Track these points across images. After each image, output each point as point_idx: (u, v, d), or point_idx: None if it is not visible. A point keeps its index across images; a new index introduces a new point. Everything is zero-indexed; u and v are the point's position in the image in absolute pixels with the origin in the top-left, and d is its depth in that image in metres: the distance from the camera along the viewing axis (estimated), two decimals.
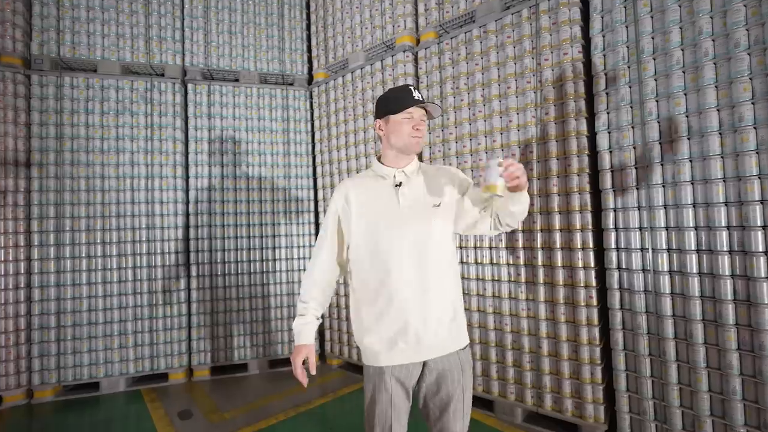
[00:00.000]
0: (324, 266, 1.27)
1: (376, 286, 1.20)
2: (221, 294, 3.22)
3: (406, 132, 1.21)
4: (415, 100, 1.20)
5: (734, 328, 1.64)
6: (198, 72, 3.29)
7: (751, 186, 1.59)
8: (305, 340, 1.22)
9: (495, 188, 1.01)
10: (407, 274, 1.18)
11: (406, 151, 1.24)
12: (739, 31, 1.62)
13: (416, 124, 1.22)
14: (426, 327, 1.17)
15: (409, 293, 1.17)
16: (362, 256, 1.23)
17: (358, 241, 1.23)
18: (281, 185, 3.43)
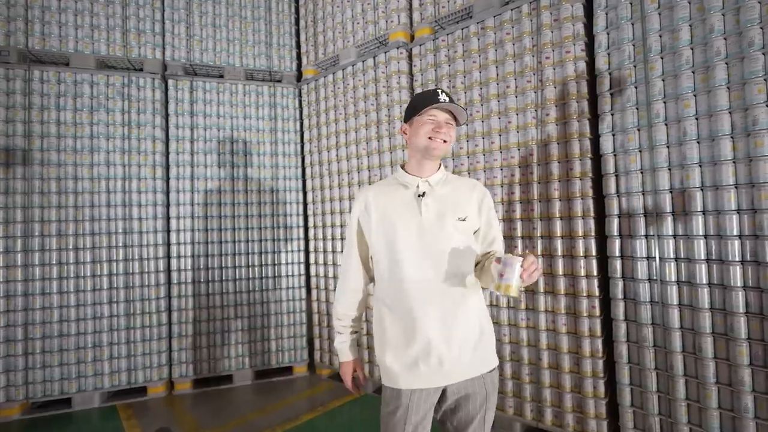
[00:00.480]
0: (355, 278, 1.24)
1: (397, 302, 1.14)
2: (204, 302, 3.05)
3: (424, 134, 1.14)
4: (438, 101, 1.12)
5: (746, 342, 1.56)
6: (179, 67, 3.11)
7: (765, 193, 1.51)
8: (347, 357, 1.26)
9: (510, 289, 0.97)
10: (429, 291, 1.11)
11: (426, 155, 1.16)
12: (753, 30, 1.54)
13: (438, 125, 1.14)
14: (450, 349, 1.09)
15: (431, 311, 1.10)
16: (382, 269, 1.17)
17: (378, 252, 1.17)
18: (268, 187, 3.27)
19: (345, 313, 1.25)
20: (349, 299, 1.25)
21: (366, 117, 2.89)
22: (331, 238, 3.10)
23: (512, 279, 0.96)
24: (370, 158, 2.85)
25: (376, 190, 1.23)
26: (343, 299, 1.25)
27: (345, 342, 1.25)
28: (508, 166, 2.25)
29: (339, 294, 1.27)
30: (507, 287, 0.97)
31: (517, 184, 2.22)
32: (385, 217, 1.16)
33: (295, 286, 3.30)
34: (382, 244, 1.16)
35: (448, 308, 1.09)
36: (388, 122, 2.76)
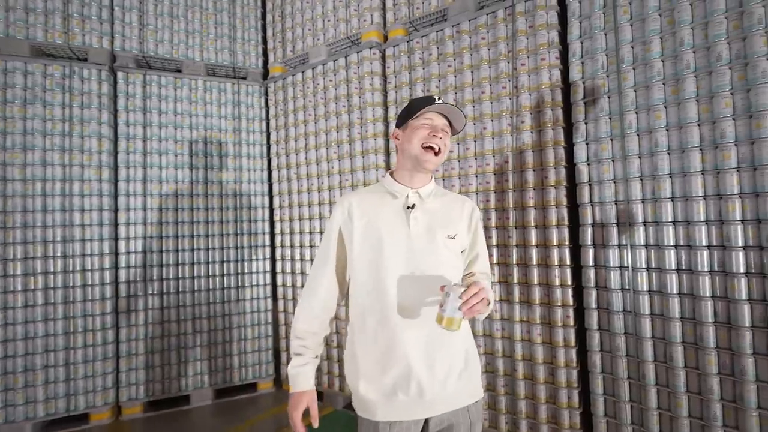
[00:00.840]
0: (325, 294, 1.09)
1: (375, 323, 1.02)
2: (158, 316, 2.79)
3: (418, 141, 1.04)
4: (436, 104, 1.04)
5: (715, 351, 1.58)
6: (130, 59, 2.83)
7: (732, 205, 1.54)
8: (304, 385, 1.05)
9: (453, 323, 0.90)
10: (414, 312, 1.01)
11: (417, 167, 1.07)
12: (720, 44, 1.57)
13: (433, 130, 1.04)
14: (433, 377, 1.00)
15: (414, 335, 1.00)
16: (361, 286, 1.05)
17: (359, 267, 1.06)
18: (231, 191, 3.05)
19: (308, 332, 1.07)
20: (317, 315, 1.09)
21: (337, 119, 2.76)
22: (299, 245, 2.94)
23: (449, 311, 0.89)
24: (341, 162, 2.73)
25: (360, 197, 1.11)
26: (308, 315, 1.09)
27: (304, 366, 1.05)
28: (483, 173, 2.21)
29: (303, 308, 1.10)
30: (444, 320, 0.90)
31: (492, 192, 2.18)
32: (370, 227, 1.06)
33: (260, 297, 3.10)
34: (365, 256, 1.05)
35: (433, 332, 0.99)
36: (360, 125, 2.65)
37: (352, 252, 1.07)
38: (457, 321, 0.90)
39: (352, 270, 1.08)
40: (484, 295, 0.92)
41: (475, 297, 0.90)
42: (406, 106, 1.11)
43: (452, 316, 0.89)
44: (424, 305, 1.01)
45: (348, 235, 1.08)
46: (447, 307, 0.90)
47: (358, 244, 1.06)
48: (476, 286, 0.91)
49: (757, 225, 1.50)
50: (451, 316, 0.89)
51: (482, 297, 0.91)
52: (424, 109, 1.04)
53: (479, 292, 0.91)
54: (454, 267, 1.08)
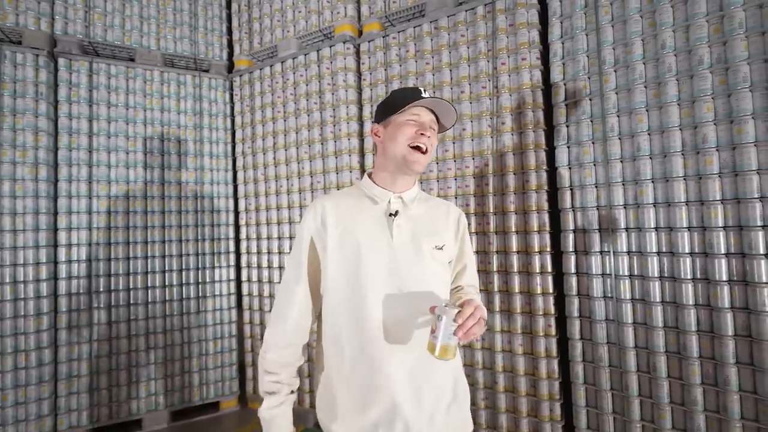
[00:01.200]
0: (297, 316, 0.94)
1: (353, 350, 0.88)
2: (104, 332, 2.49)
3: (407, 135, 0.91)
4: (422, 97, 0.90)
5: (698, 361, 1.55)
6: (74, 44, 2.53)
7: (714, 211, 1.51)
8: (281, 428, 0.90)
9: (448, 352, 0.77)
10: (398, 335, 0.87)
11: (403, 168, 0.93)
12: (702, 48, 1.54)
13: (421, 128, 0.91)
14: (420, 411, 0.87)
15: (398, 363, 0.86)
16: (337, 306, 0.90)
17: (333, 284, 0.91)
18: (191, 193, 2.80)
19: (280, 364, 0.91)
20: (289, 343, 0.92)
21: (308, 117, 2.59)
22: (267, 251, 2.73)
23: (443, 338, 0.76)
24: (313, 163, 2.55)
25: (335, 201, 0.96)
26: (278, 343, 0.92)
27: (280, 406, 0.90)
28: (463, 176, 2.11)
29: (273, 335, 0.93)
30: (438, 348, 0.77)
31: (471, 196, 2.08)
32: (347, 237, 0.91)
33: (224, 308, 2.86)
34: (341, 271, 0.91)
35: (420, 358, 0.86)
36: (333, 123, 2.49)
37: (326, 266, 0.92)
38: (452, 349, 0.78)
39: (326, 287, 0.93)
40: (481, 314, 0.81)
41: (471, 318, 0.78)
42: (388, 98, 0.98)
43: (447, 344, 0.76)
44: (410, 327, 0.88)
45: (321, 245, 0.93)
46: (440, 333, 0.77)
47: (332, 257, 0.91)
48: (470, 305, 0.79)
49: (739, 231, 1.48)
50: (446, 344, 0.76)
51: (479, 317, 0.79)
52: (411, 104, 0.91)
53: (475, 311, 0.79)
54: (442, 281, 0.95)
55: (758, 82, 1.45)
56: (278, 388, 0.91)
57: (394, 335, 0.87)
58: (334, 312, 0.91)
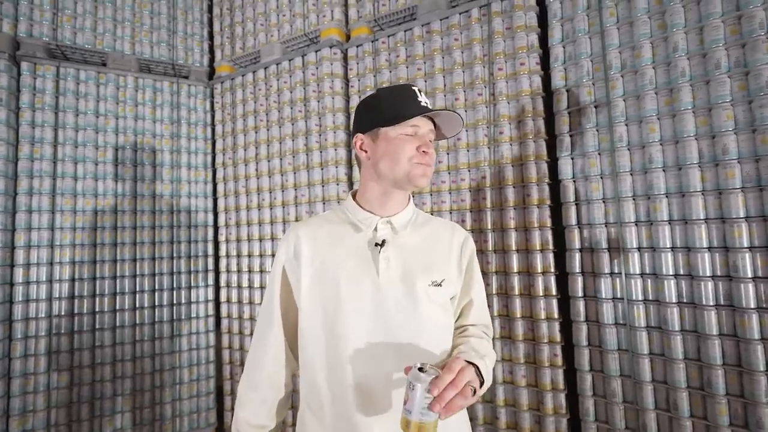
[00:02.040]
0: (272, 367, 0.81)
1: (330, 410, 0.74)
2: (65, 362, 2.26)
3: (407, 155, 0.76)
4: (422, 108, 0.76)
5: (725, 399, 1.37)
6: (40, 47, 2.35)
7: (738, 230, 1.36)
8: None
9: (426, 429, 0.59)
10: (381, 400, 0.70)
11: (401, 186, 0.78)
12: (719, 51, 1.41)
13: (423, 144, 0.77)
14: None
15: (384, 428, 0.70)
16: (313, 359, 0.75)
17: (308, 331, 0.77)
18: (166, 207, 2.60)
19: (253, 425, 0.79)
20: (263, 398, 0.80)
21: (293, 126, 2.42)
22: (248, 270, 2.53)
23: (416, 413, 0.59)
24: (297, 175, 2.38)
25: (312, 229, 0.81)
26: (251, 400, 0.80)
27: None
28: (458, 190, 1.95)
29: (246, 390, 0.81)
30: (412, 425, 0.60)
31: (468, 211, 1.91)
32: (324, 272, 0.76)
33: (201, 331, 2.64)
34: (316, 314, 0.76)
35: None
36: (319, 133, 2.32)
37: (301, 308, 0.77)
38: (430, 427, 0.59)
39: (301, 334, 0.77)
40: (467, 380, 0.63)
41: (451, 388, 0.60)
42: (374, 100, 0.81)
43: (421, 421, 0.59)
44: (398, 387, 0.71)
45: (295, 283, 0.78)
46: (413, 405, 0.59)
47: (306, 297, 0.76)
48: (451, 370, 0.62)
49: (766, 252, 1.32)
50: (420, 421, 0.59)
51: (463, 385, 0.61)
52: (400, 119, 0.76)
53: (457, 377, 0.61)
54: (442, 327, 0.78)
55: None
56: None
57: (380, 399, 0.70)
58: (310, 365, 0.75)
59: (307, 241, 0.79)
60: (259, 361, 0.81)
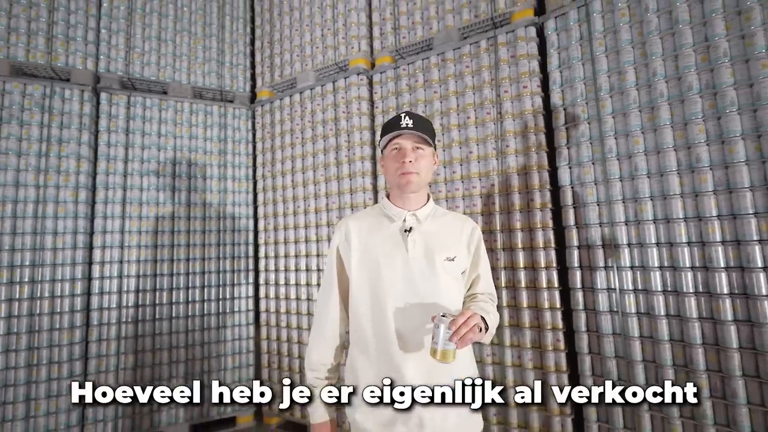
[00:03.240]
0: (333, 322, 1.09)
1: (375, 349, 1.00)
2: (131, 346, 2.63)
3: (393, 169, 1.04)
4: (399, 127, 1.01)
5: (705, 374, 1.58)
6: (115, 80, 2.81)
7: (712, 227, 1.58)
8: (321, 417, 1.05)
9: (447, 356, 0.87)
10: (414, 341, 0.98)
11: (402, 190, 1.06)
12: (690, 75, 1.66)
13: (404, 154, 1.02)
14: (433, 410, 0.95)
15: (415, 366, 0.97)
16: (360, 311, 1.03)
17: (357, 294, 1.05)
18: (215, 213, 2.98)
19: (321, 363, 1.08)
20: (328, 345, 1.08)
21: (324, 142, 2.77)
22: (284, 269, 2.86)
23: (441, 344, 0.86)
24: (329, 185, 2.71)
25: (357, 220, 1.11)
26: (319, 345, 1.08)
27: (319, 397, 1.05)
28: (470, 196, 2.22)
29: (314, 339, 1.10)
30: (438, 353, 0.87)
31: (479, 214, 2.18)
32: (368, 251, 1.04)
33: (242, 324, 2.97)
34: (363, 281, 1.03)
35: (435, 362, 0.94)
36: (347, 148, 2.66)
37: (351, 279, 1.06)
38: (451, 353, 0.87)
39: (351, 296, 1.06)
40: (475, 322, 0.89)
41: (464, 326, 0.86)
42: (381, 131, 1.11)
43: (445, 349, 0.86)
44: (425, 333, 0.97)
45: (346, 260, 1.07)
46: (439, 339, 0.87)
47: (356, 270, 1.04)
48: (464, 315, 0.88)
49: (737, 246, 1.54)
50: (444, 349, 0.86)
51: (473, 324, 0.88)
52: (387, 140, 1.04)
53: (468, 320, 0.87)
54: (455, 291, 1.05)
55: (745, 105, 1.55)
56: (318, 382, 1.06)
57: (410, 341, 0.97)
58: (359, 319, 1.03)
59: (355, 229, 1.07)
60: (323, 318, 1.09)
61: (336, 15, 2.82)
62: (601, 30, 1.92)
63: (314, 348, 1.08)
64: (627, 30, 1.84)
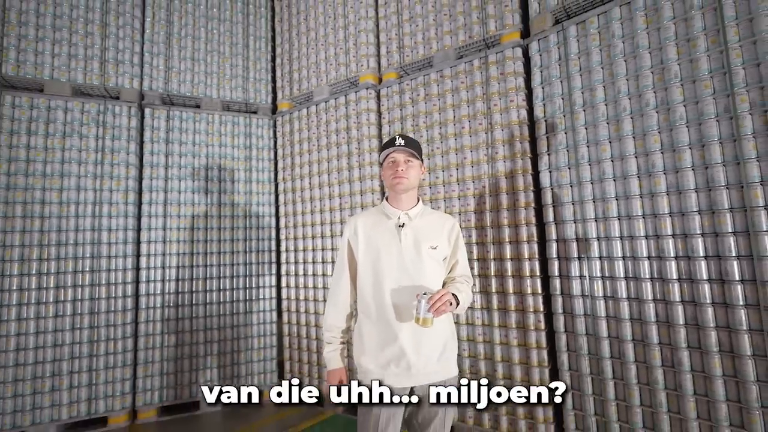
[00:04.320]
0: (344, 292, 1.40)
1: (376, 314, 1.32)
2: (173, 327, 3.05)
3: (389, 175, 1.37)
4: (394, 145, 1.35)
5: (658, 347, 1.87)
6: (157, 97, 3.23)
7: (664, 222, 1.87)
8: (335, 365, 1.39)
9: (427, 322, 1.20)
10: (405, 309, 1.29)
11: (396, 192, 1.37)
12: (648, 93, 1.94)
13: (396, 164, 1.36)
14: (418, 358, 1.29)
15: (405, 327, 1.29)
16: (365, 285, 1.35)
17: (363, 273, 1.36)
18: (242, 212, 3.38)
19: (334, 325, 1.40)
20: (339, 311, 1.41)
21: (337, 149, 3.12)
22: (303, 261, 3.24)
23: (422, 314, 1.18)
24: (341, 186, 3.07)
25: (363, 218, 1.43)
26: (333, 311, 1.41)
27: (335, 351, 1.39)
28: (465, 197, 2.54)
29: (329, 307, 1.42)
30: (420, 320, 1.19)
31: (472, 212, 2.50)
32: (371, 242, 1.37)
33: (266, 310, 3.37)
34: (368, 265, 1.35)
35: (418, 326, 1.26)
36: (358, 154, 3.01)
37: (358, 262, 1.38)
38: (430, 320, 1.19)
39: (358, 276, 1.39)
40: (447, 298, 1.21)
41: (438, 301, 1.18)
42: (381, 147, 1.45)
43: (425, 317, 1.19)
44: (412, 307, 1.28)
45: (355, 248, 1.40)
46: (420, 310, 1.19)
47: (362, 255, 1.38)
48: (439, 293, 1.20)
49: (684, 239, 1.82)
50: (424, 317, 1.19)
51: (445, 300, 1.20)
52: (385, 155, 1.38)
53: (442, 296, 1.19)
54: (436, 273, 1.37)
55: (692, 119, 1.82)
56: (333, 340, 1.41)
57: (402, 309, 1.30)
58: (364, 293, 1.37)
59: (361, 224, 1.41)
60: (337, 291, 1.43)
61: (347, 35, 3.17)
62: (576, 52, 2.21)
63: (329, 314, 1.42)
64: (597, 52, 2.13)
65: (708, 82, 1.78)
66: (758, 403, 1.61)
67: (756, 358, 1.63)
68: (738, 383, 1.67)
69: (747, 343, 1.64)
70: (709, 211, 1.77)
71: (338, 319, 1.41)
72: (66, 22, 3.03)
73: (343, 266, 1.42)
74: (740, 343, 1.65)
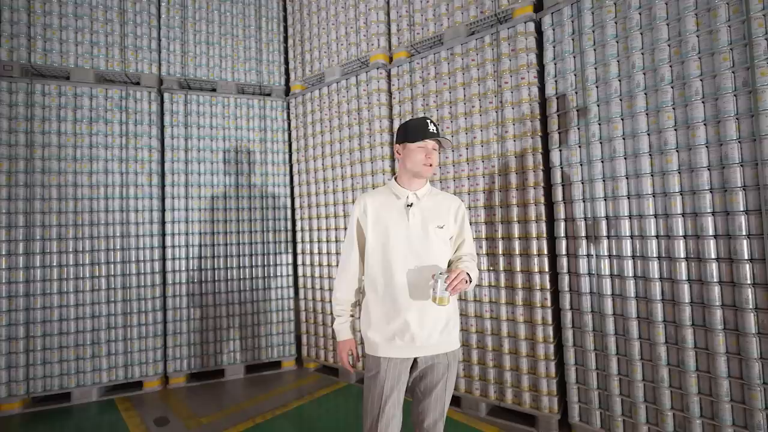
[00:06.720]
0: (354, 268, 1.46)
1: (383, 290, 1.38)
2: (198, 301, 3.26)
3: (419, 160, 1.39)
4: (430, 133, 1.38)
5: (662, 324, 1.88)
6: (174, 81, 3.33)
7: (674, 201, 1.84)
8: (345, 336, 1.47)
9: (444, 300, 1.24)
10: (411, 284, 1.35)
11: (418, 176, 1.42)
12: (664, 67, 1.88)
13: (428, 153, 1.39)
14: (422, 331, 1.36)
15: (411, 300, 1.36)
16: (374, 262, 1.41)
17: (371, 250, 1.41)
18: (258, 193, 3.50)
19: (344, 299, 1.47)
20: (349, 286, 1.47)
21: (349, 130, 3.16)
22: (317, 240, 3.35)
23: (439, 293, 1.23)
24: (353, 167, 3.12)
25: (373, 197, 1.47)
26: (343, 286, 1.47)
27: (344, 323, 1.47)
28: (474, 176, 2.55)
29: (339, 282, 1.48)
30: (437, 299, 1.24)
31: (481, 192, 2.52)
32: (380, 220, 1.42)
33: (284, 286, 3.53)
34: (376, 241, 1.41)
35: (424, 302, 1.34)
36: (369, 135, 3.04)
37: (367, 240, 1.43)
38: (446, 299, 1.25)
39: (367, 252, 1.44)
40: (463, 276, 1.27)
41: (455, 280, 1.24)
42: (405, 126, 1.44)
43: (442, 296, 1.24)
44: (419, 280, 1.36)
45: (364, 225, 1.44)
46: (437, 290, 1.25)
47: (371, 233, 1.43)
48: (455, 272, 1.25)
49: (694, 217, 1.80)
50: (441, 296, 1.24)
51: (461, 278, 1.25)
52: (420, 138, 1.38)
53: (459, 275, 1.25)
54: (442, 251, 1.42)
55: (708, 94, 1.76)
56: (343, 312, 1.49)
57: (408, 285, 1.36)
58: (373, 268, 1.42)
59: (371, 203, 1.45)
60: (346, 267, 1.49)
61: (358, 14, 3.14)
62: (590, 25, 2.14)
63: (339, 288, 1.49)
64: (612, 25, 2.05)
65: (727, 55, 1.71)
66: (760, 380, 1.63)
67: (761, 336, 1.63)
68: (741, 360, 1.68)
69: (752, 322, 1.64)
70: (721, 189, 1.73)
71: (348, 293, 1.48)
72: (86, 9, 3.13)
73: (352, 243, 1.47)
74: (745, 322, 1.66)
